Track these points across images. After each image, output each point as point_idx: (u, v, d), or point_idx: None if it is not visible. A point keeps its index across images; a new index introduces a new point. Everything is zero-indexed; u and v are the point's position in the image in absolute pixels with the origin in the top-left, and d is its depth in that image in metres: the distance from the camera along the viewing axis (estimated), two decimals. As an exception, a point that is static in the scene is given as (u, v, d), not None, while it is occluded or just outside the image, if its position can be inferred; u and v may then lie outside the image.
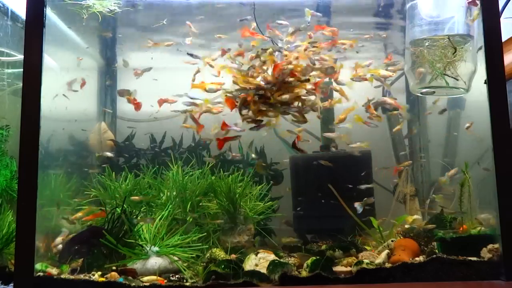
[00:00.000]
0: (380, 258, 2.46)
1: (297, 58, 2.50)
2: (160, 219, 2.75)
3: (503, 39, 2.45)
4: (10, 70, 3.22)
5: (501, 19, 2.46)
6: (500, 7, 2.45)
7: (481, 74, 2.43)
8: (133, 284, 2.27)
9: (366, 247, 2.77)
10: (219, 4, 3.11)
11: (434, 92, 2.87)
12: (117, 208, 2.67)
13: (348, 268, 2.40)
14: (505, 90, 2.33)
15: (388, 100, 2.62)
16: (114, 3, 2.95)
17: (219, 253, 2.61)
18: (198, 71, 2.76)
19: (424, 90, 2.90)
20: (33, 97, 2.33)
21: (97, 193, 3.09)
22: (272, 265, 2.34)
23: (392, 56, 2.96)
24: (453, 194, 2.89)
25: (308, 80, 2.46)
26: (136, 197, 2.91)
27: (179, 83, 3.04)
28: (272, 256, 2.47)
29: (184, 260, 2.54)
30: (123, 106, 3.81)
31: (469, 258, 2.32)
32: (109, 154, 3.18)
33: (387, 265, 2.40)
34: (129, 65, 3.42)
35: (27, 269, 2.23)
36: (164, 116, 3.45)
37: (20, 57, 3.07)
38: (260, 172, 3.16)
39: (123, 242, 2.53)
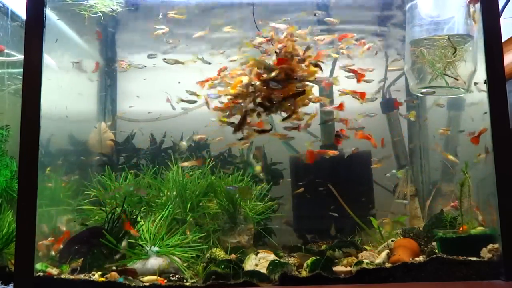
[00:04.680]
0: (380, 258, 2.46)
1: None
2: (160, 219, 2.75)
3: (503, 39, 2.45)
4: (10, 70, 3.23)
5: (501, 19, 2.46)
6: (500, 7, 2.45)
7: (481, 74, 2.43)
8: (133, 284, 2.27)
9: (367, 247, 2.77)
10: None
11: (434, 92, 2.87)
12: (117, 208, 2.67)
13: (348, 268, 2.40)
14: (505, 90, 2.33)
15: None
16: (116, 2, 2.95)
17: (219, 253, 2.61)
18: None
19: (424, 90, 2.90)
20: (33, 97, 2.33)
21: (97, 193, 3.09)
22: (272, 265, 2.34)
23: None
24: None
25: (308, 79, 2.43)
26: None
27: (180, 82, 3.07)
28: (272, 256, 2.48)
29: (184, 260, 2.54)
30: (123, 106, 3.81)
31: (469, 258, 2.33)
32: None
33: (387, 265, 2.40)
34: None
35: (27, 269, 2.23)
36: (164, 116, 3.46)
37: (20, 57, 3.07)
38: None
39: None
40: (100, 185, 3.13)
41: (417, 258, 2.45)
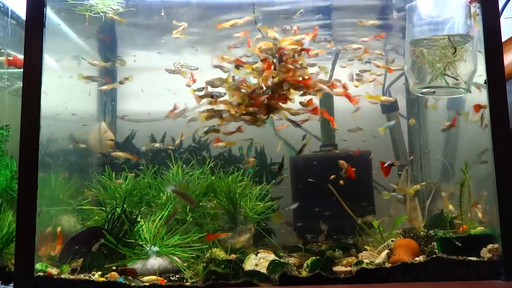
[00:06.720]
0: (380, 258, 2.46)
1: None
2: (160, 219, 2.75)
3: (503, 39, 2.45)
4: (10, 70, 3.23)
5: (501, 19, 2.46)
6: (500, 7, 2.45)
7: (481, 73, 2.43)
8: (133, 284, 2.27)
9: (366, 247, 2.77)
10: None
11: (434, 92, 2.88)
12: (117, 208, 2.67)
13: (348, 268, 2.40)
14: (505, 90, 2.32)
15: None
16: (117, 3, 2.95)
17: (219, 253, 2.61)
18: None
19: (424, 90, 2.90)
20: (33, 97, 2.33)
21: (97, 193, 3.09)
22: (272, 265, 2.34)
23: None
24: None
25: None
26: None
27: (179, 82, 3.06)
28: (272, 256, 2.47)
29: (184, 260, 2.54)
30: (123, 106, 3.81)
31: (469, 258, 2.32)
32: None
33: (387, 265, 2.40)
34: (126, 64, 3.43)
35: (27, 269, 2.23)
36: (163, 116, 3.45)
37: (20, 57, 3.07)
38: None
39: (123, 242, 2.53)
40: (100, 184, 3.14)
41: (417, 258, 2.45)
